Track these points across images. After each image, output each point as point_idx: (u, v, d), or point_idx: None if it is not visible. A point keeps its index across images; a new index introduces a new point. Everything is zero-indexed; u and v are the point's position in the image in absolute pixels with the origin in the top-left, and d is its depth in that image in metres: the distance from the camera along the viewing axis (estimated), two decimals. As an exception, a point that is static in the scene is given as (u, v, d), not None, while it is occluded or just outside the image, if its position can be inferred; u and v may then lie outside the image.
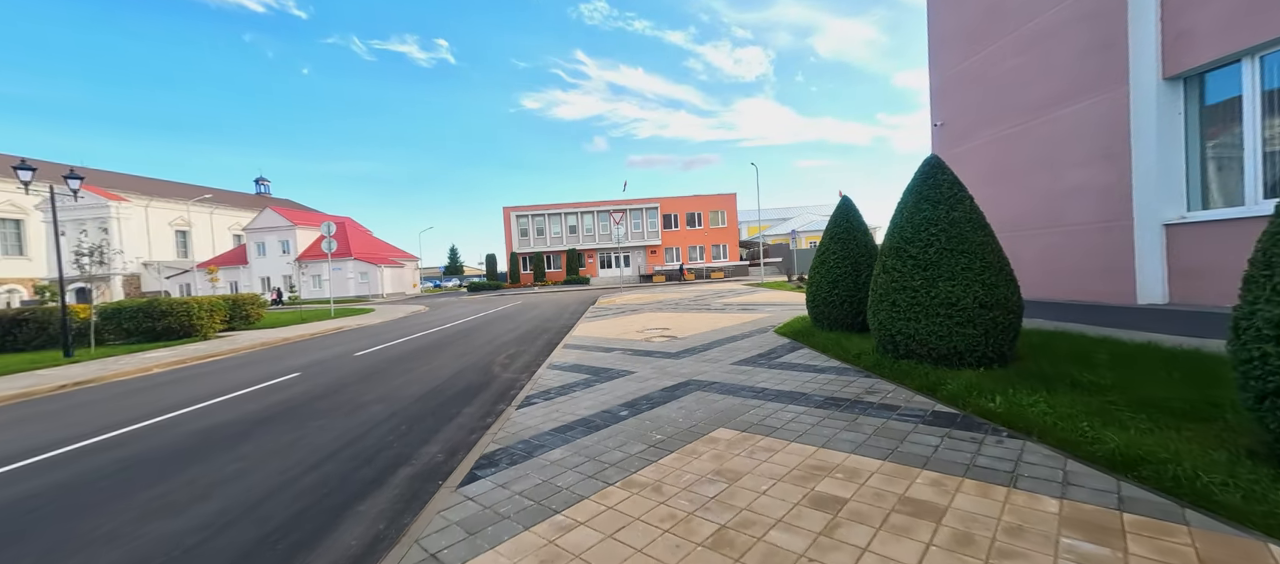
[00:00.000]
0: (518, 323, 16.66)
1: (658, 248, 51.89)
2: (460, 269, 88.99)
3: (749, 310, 14.34)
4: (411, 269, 57.98)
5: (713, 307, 16.48)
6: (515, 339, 12.54)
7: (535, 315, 19.07)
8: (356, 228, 58.77)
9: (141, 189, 63.09)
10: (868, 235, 8.53)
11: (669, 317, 14.17)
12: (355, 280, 48.59)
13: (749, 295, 20.67)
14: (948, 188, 5.76)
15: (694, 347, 8.80)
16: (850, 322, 8.26)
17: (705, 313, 14.59)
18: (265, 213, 50.24)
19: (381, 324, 19.96)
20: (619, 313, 16.50)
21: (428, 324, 18.54)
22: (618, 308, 18.52)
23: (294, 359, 11.50)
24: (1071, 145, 7.74)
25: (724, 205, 52.81)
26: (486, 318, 19.55)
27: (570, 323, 15.37)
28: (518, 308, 23.98)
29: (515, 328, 15.12)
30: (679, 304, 18.42)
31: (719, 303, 17.84)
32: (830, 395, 5.17)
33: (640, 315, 15.15)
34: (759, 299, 18.39)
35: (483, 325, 16.68)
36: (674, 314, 14.81)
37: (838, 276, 8.30)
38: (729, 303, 17.54)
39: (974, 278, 5.36)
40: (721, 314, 13.86)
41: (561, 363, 8.17)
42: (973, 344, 5.33)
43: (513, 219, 51.85)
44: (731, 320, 12.23)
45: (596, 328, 12.77)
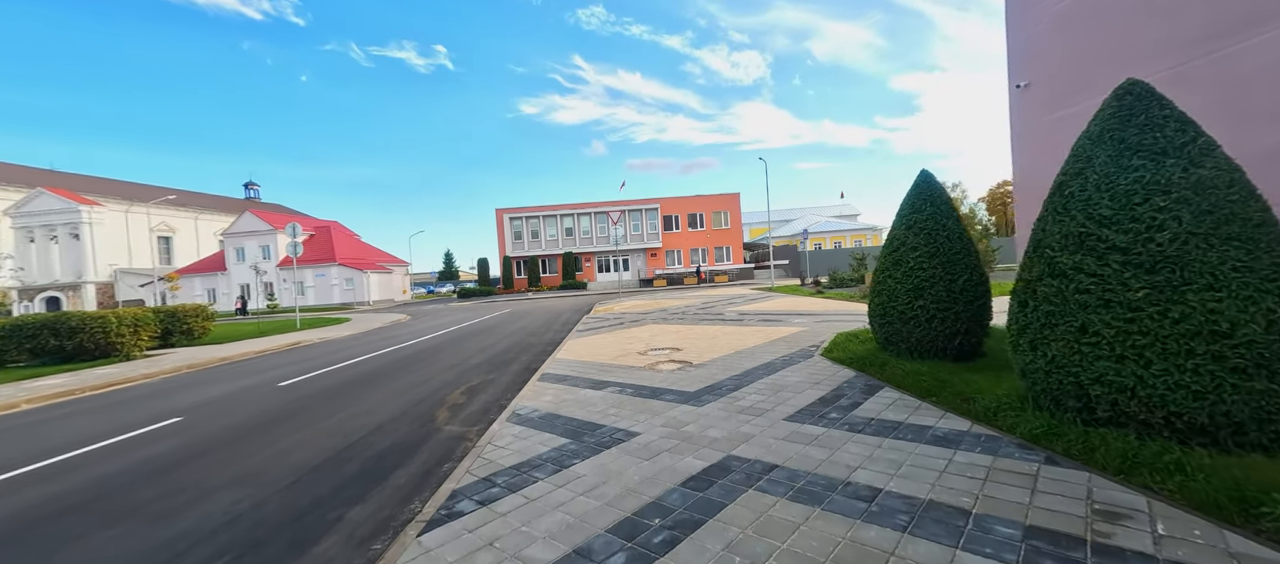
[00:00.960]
0: (497, 337, 14.20)
1: (658, 250, 49.48)
2: (455, 274, 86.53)
3: (774, 322, 11.89)
4: (401, 275, 55.51)
5: (726, 316, 14.03)
6: (486, 362, 10.08)
7: (520, 328, 16.61)
8: (342, 232, 56.32)
9: (121, 194, 60.70)
10: (961, 224, 6.09)
11: (677, 331, 11.71)
12: (340, 287, 46.11)
13: (764, 302, 18.22)
14: (1175, 129, 3.34)
15: (719, 381, 6.34)
16: (942, 346, 5.82)
17: (719, 324, 12.14)
18: (244, 216, 47.78)
19: (346, 338, 17.49)
20: (617, 324, 14.05)
21: (395, 338, 16.09)
22: (615, 317, 16.09)
23: (201, 391, 9.02)
24: (1265, 90, 5.33)
25: (727, 206, 50.48)
26: (466, 330, 17.10)
27: (558, 337, 12.91)
28: (504, 317, 21.53)
29: (492, 345, 12.66)
30: (686, 313, 15.96)
31: (732, 311, 15.39)
32: (1029, 522, 2.69)
33: (642, 328, 12.69)
34: (778, 307, 15.94)
35: (456, 341, 14.23)
36: (682, 326, 12.35)
37: (922, 282, 5.85)
38: (745, 312, 15.09)
39: (1259, 286, 2.92)
40: (741, 327, 11.41)
41: (531, 410, 5.71)
42: (1264, 409, 2.89)
43: (506, 221, 49.46)
44: (757, 336, 9.77)
45: (588, 346, 10.32)
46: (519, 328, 16.42)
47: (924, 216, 6.05)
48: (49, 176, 55.66)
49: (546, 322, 17.94)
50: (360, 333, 18.95)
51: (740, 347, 8.72)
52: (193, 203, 68.81)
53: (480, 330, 16.60)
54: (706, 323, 12.80)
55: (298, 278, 46.89)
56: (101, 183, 62.42)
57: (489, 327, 17.67)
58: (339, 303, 45.64)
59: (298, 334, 19.13)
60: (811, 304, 15.99)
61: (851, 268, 26.06)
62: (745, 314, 14.29)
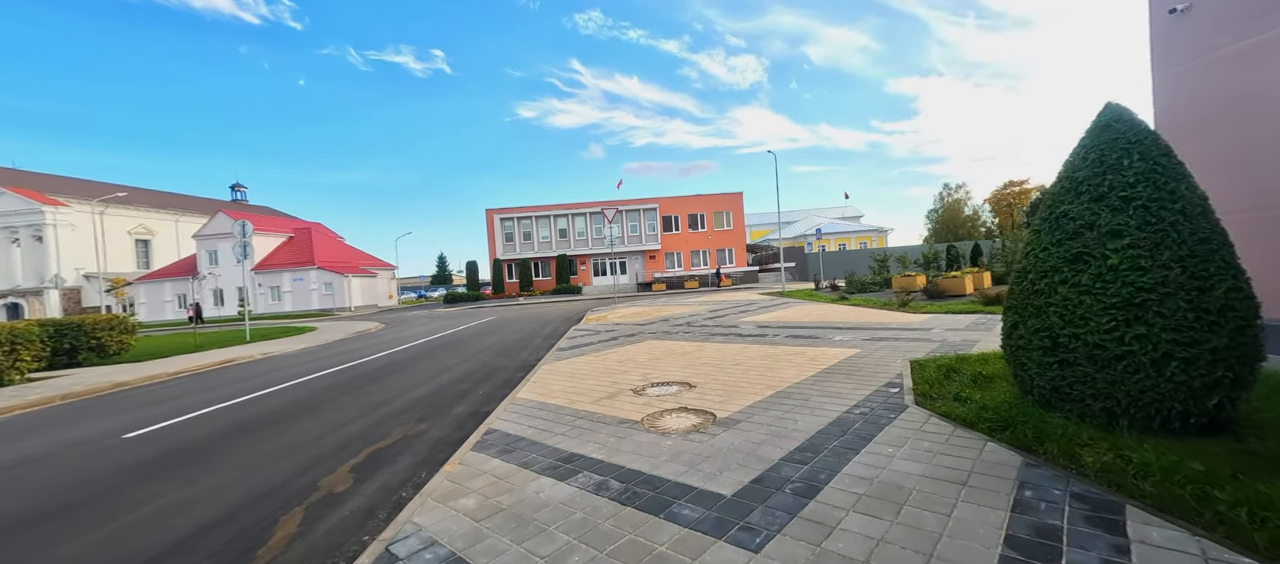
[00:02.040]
0: (462, 356, 11.57)
1: (657, 253, 46.89)
2: (449, 278, 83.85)
3: (809, 340, 9.27)
4: (386, 279, 52.81)
5: (742, 329, 11.42)
6: (425, 397, 7.45)
7: (494, 342, 13.99)
8: (324, 234, 53.63)
9: (96, 194, 57.93)
10: (1199, 190, 3.51)
11: (684, 352, 9.09)
12: (319, 292, 43.40)
13: (782, 310, 15.61)
14: None
15: (769, 461, 3.73)
16: (1179, 408, 3.22)
17: (738, 342, 9.53)
18: (217, 217, 45.06)
19: (291, 353, 14.83)
20: (609, 340, 11.43)
21: (348, 354, 13.44)
22: (608, 329, 13.47)
23: (11, 447, 6.37)
24: None
25: (729, 206, 47.97)
26: (432, 344, 14.46)
27: (534, 357, 10.29)
28: (483, 327, 18.89)
29: (450, 367, 10.03)
30: (692, 324, 13.34)
31: (748, 322, 12.78)
32: None
33: (639, 346, 10.07)
34: (801, 316, 13.33)
35: (411, 360, 11.60)
36: (690, 345, 9.73)
37: (1140, 293, 3.26)
38: (763, 323, 12.48)
39: None
40: (767, 347, 8.80)
41: (426, 542, 3.09)
42: None
43: (496, 222, 46.84)
44: (795, 363, 7.15)
45: (568, 375, 7.69)
46: (493, 343, 13.79)
47: (1129, 178, 3.46)
48: (13, 175, 52.79)
49: (527, 334, 15.31)
50: (312, 347, 16.29)
51: (778, 381, 6.11)
52: (173, 205, 66.09)
53: (447, 345, 13.96)
54: (720, 339, 10.19)
55: (273, 283, 44.22)
56: (74, 183, 59.58)
57: (459, 340, 15.03)
58: (318, 309, 42.92)
59: (241, 348, 16.47)
60: (841, 313, 13.39)
61: (872, 270, 23.54)
62: (765, 326, 11.69)
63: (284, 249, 46.29)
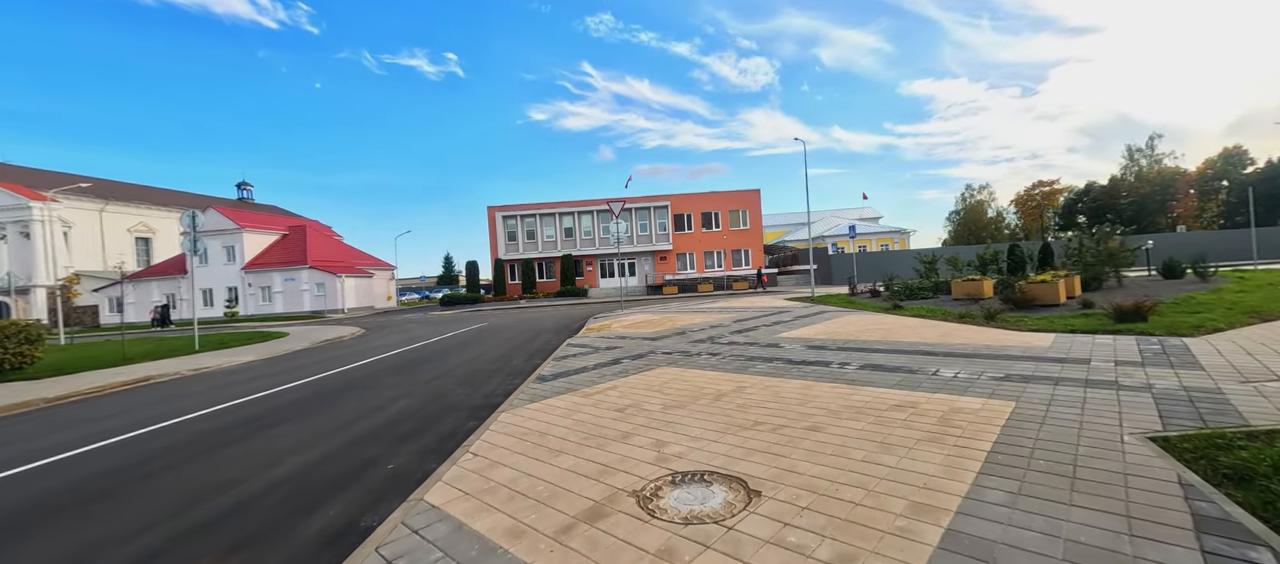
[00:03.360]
0: (411, 384, 8.72)
1: (668, 253, 43.96)
2: (455, 278, 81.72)
3: (903, 375, 6.23)
4: (384, 279, 50.46)
5: (789, 352, 8.42)
6: (283, 485, 4.60)
7: (464, 362, 11.16)
8: (320, 233, 51.47)
9: (97, 191, 56.45)
10: None
11: (716, 392, 6.11)
12: (311, 292, 41.07)
13: (825, 321, 12.56)
14: None
15: None
16: None
17: (796, 379, 6.54)
18: (208, 213, 42.93)
19: (235, 368, 12.14)
20: (608, 362, 8.51)
21: (286, 373, 10.68)
22: (610, 344, 10.54)
23: None
24: None
25: (746, 204, 44.89)
26: (389, 362, 11.67)
27: (500, 393, 7.39)
28: (466, 337, 16.09)
29: (379, 408, 7.16)
30: (717, 340, 10.36)
31: (790, 339, 9.77)
32: None
33: (648, 378, 7.12)
34: (859, 331, 10.29)
35: (340, 391, 8.77)
36: (723, 379, 6.76)
37: None
38: (814, 341, 9.46)
39: None
40: (846, 388, 5.78)
41: None
42: None
43: (499, 221, 44.27)
44: (923, 433, 4.13)
45: (530, 443, 4.76)
46: (462, 362, 10.94)
47: None
48: (12, 171, 51.42)
49: (510, 349, 12.45)
50: (255, 362, 13.59)
51: (916, 480, 3.15)
52: (176, 202, 64.58)
53: (406, 364, 11.15)
54: (762, 367, 7.21)
55: (264, 283, 42.01)
56: (68, 178, 58.09)
57: (426, 357, 12.21)
58: (310, 310, 40.59)
59: (178, 362, 13.82)
60: (910, 328, 10.33)
61: (919, 273, 20.34)
62: (818, 345, 8.67)
63: (276, 248, 44.12)
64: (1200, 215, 60.66)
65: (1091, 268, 16.03)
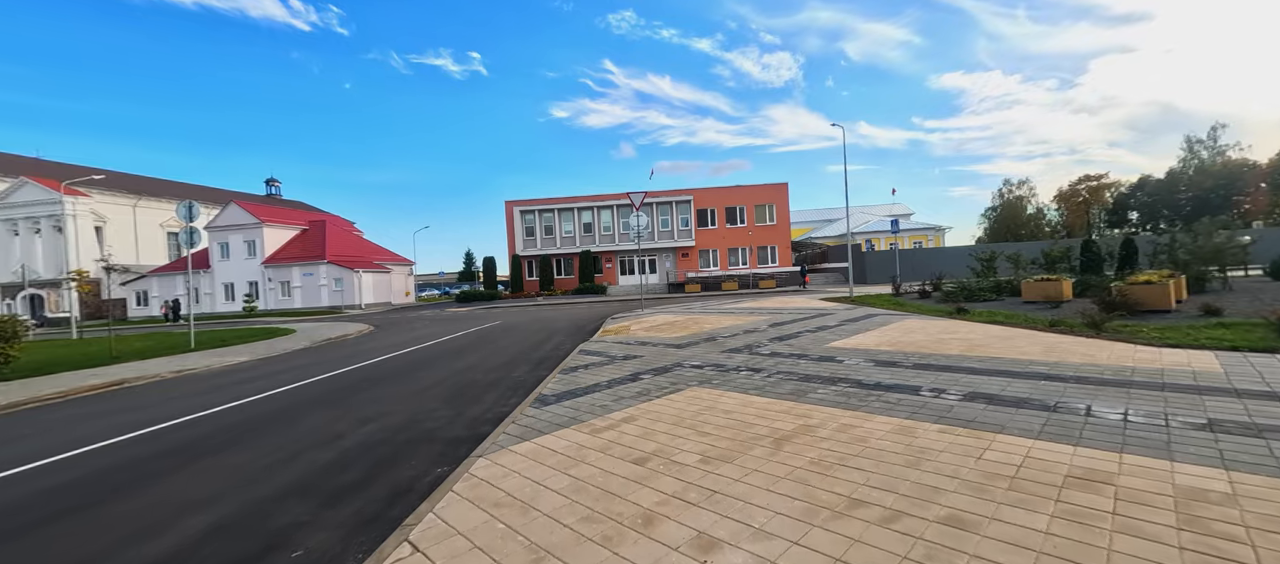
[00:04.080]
0: (393, 400, 7.30)
1: (691, 250, 42.18)
2: (475, 275, 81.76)
3: (1035, 413, 4.45)
4: (403, 275, 50.06)
5: (852, 369, 6.70)
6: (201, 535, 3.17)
7: (461, 370, 9.75)
8: (339, 228, 51.36)
9: (130, 187, 57.73)
10: None
11: (775, 434, 4.47)
12: (329, 288, 40.72)
13: (882, 327, 10.72)
14: None
15: None
16: None
17: (881, 415, 4.83)
18: (229, 208, 43.08)
19: (224, 370, 11.04)
20: (627, 377, 6.95)
21: (268, 379, 9.45)
22: (629, 352, 8.96)
23: None
24: None
25: (773, 198, 42.73)
26: (381, 368, 10.36)
27: (490, 419, 5.89)
28: (473, 338, 14.77)
29: (340, 435, 5.74)
30: (755, 350, 8.68)
31: (846, 350, 8.02)
32: None
33: (676, 406, 5.53)
34: (930, 342, 8.46)
35: (324, 400, 7.41)
36: (778, 410, 5.11)
37: None
38: (877, 353, 7.69)
39: None
40: (964, 436, 4.05)
41: None
42: None
43: (516, 216, 43.19)
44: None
45: (509, 529, 3.23)
46: (459, 370, 9.52)
47: None
48: (36, 165, 52.75)
49: (517, 354, 11.01)
50: (258, 360, 12.50)
51: None
52: (207, 197, 65.72)
53: (398, 372, 9.80)
54: (826, 391, 5.54)
55: (283, 278, 41.86)
56: (113, 176, 59.54)
57: (425, 360, 10.87)
58: (327, 305, 40.24)
59: (174, 360, 12.86)
60: (1003, 340, 8.45)
61: (976, 271, 18.18)
62: (887, 361, 6.91)
63: (296, 242, 43.98)
64: (1272, 211, 55.62)
65: (1190, 267, 13.73)
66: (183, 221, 15.66)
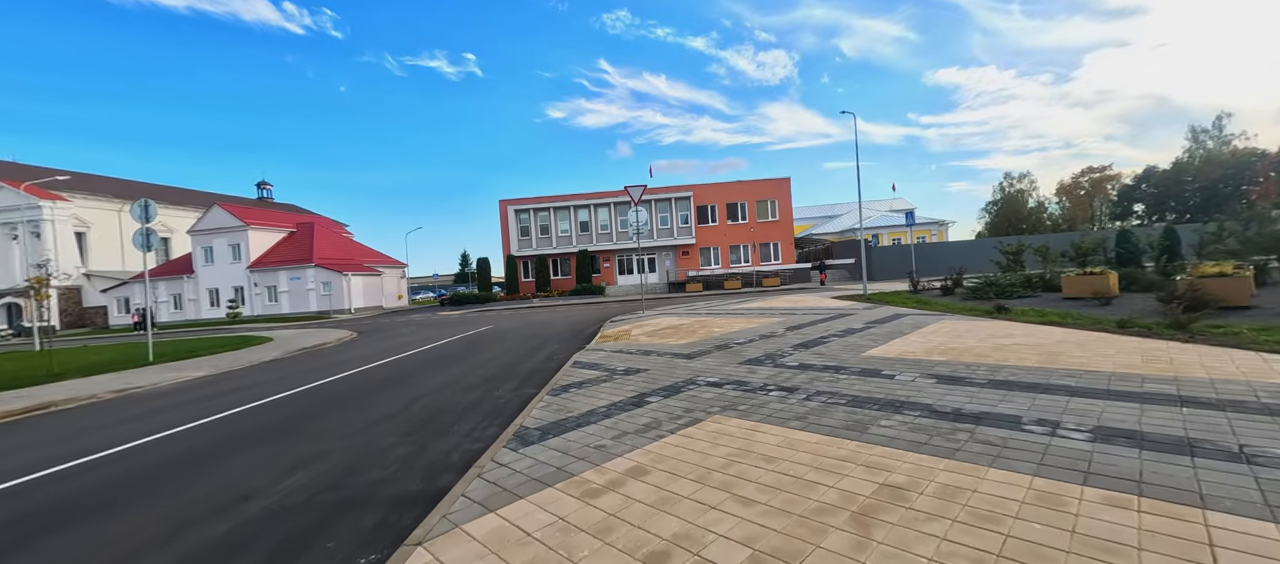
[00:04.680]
0: (332, 439, 5.95)
1: (691, 248, 40.86)
2: (470, 277, 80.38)
3: (1252, 470, 3.22)
4: (395, 277, 48.62)
5: (908, 389, 5.38)
6: None
7: (434, 389, 8.43)
8: (328, 230, 49.85)
9: (116, 192, 56.06)
10: None
11: (854, 506, 3.18)
12: (317, 292, 39.26)
13: (918, 331, 9.41)
14: None
15: None
16: None
17: (1000, 469, 3.53)
18: (213, 211, 41.56)
19: (168, 390, 9.65)
20: (630, 399, 5.63)
21: (216, 400, 8.08)
22: (630, 362, 7.60)
23: None
24: None
25: (775, 193, 41.42)
26: (357, 381, 9.01)
27: (453, 463, 4.58)
28: (459, 347, 13.43)
29: (256, 492, 4.40)
30: (780, 361, 7.38)
31: (887, 360, 6.69)
32: None
33: (701, 453, 4.22)
34: (985, 347, 7.15)
35: (257, 435, 6.07)
36: (838, 455, 3.80)
37: None
38: (933, 367, 6.36)
39: None
40: (1234, 527, 2.80)
41: None
42: None
43: (511, 215, 41.81)
44: None
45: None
46: (429, 391, 8.17)
47: None
48: (13, 169, 51.06)
49: (505, 366, 9.68)
50: (217, 375, 11.13)
51: None
52: (195, 201, 64.06)
53: (360, 390, 8.45)
54: (898, 429, 4.22)
55: (270, 282, 40.38)
56: (97, 180, 57.76)
57: (396, 376, 9.52)
58: (315, 310, 38.79)
59: (121, 377, 11.47)
60: (1081, 346, 7.14)
61: (1003, 266, 16.89)
62: (955, 377, 5.59)
63: (283, 245, 42.49)
64: (1282, 201, 54.51)
65: (1241, 256, 12.47)
66: (138, 221, 14.26)
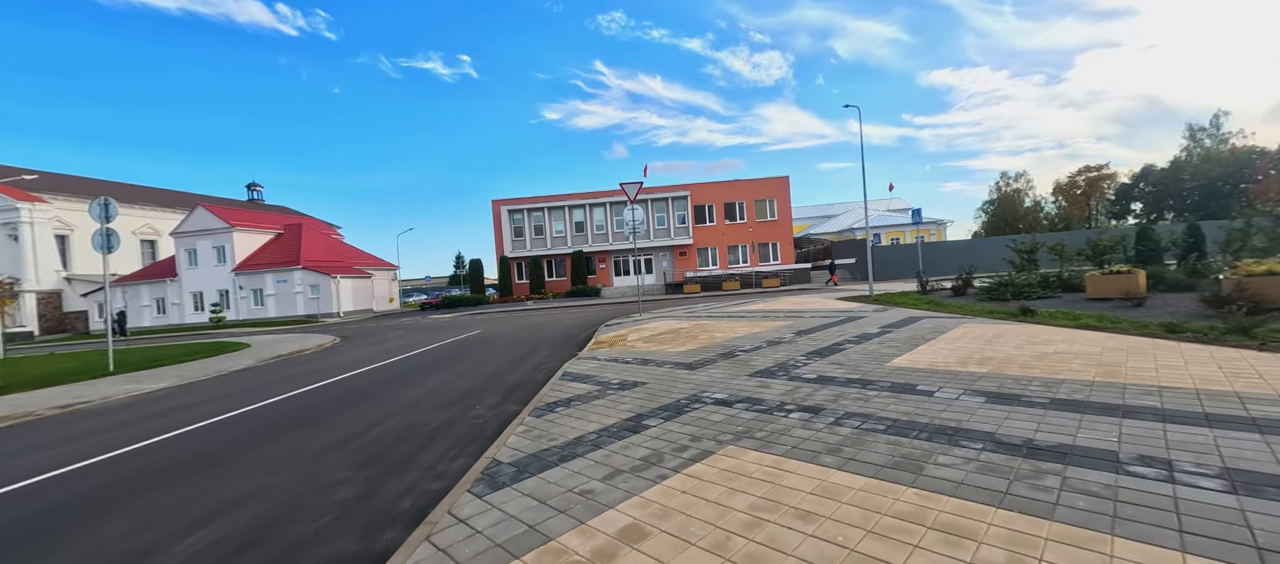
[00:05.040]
0: (249, 487, 5.08)
1: (688, 248, 40.05)
2: (463, 278, 79.33)
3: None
4: (386, 279, 47.55)
5: (978, 423, 4.53)
6: None
7: (404, 410, 7.54)
8: (316, 231, 48.70)
9: (100, 193, 54.48)
10: None
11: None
12: (304, 295, 38.17)
13: (950, 335, 8.56)
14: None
15: None
16: None
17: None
18: (196, 212, 40.41)
19: (115, 406, 8.67)
20: (624, 422, 4.77)
21: (158, 419, 7.15)
22: (625, 373, 6.73)
23: None
24: None
25: (773, 192, 40.68)
26: (316, 398, 8.11)
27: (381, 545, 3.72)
28: (440, 355, 12.53)
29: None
30: (796, 373, 6.53)
31: (933, 378, 5.85)
32: None
33: (720, 506, 3.34)
34: (1042, 359, 6.32)
35: (183, 465, 5.16)
36: (935, 512, 2.94)
37: None
38: (1000, 389, 5.51)
39: None
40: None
41: None
42: None
43: (504, 216, 40.89)
44: None
45: None
46: (395, 412, 7.28)
47: None
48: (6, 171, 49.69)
49: (483, 379, 8.80)
50: (176, 388, 10.18)
51: None
52: (182, 203, 62.72)
53: (312, 411, 7.55)
54: (967, 473, 3.38)
55: (256, 285, 39.26)
56: (80, 182, 56.28)
57: (363, 391, 8.62)
58: (303, 314, 37.70)
59: (74, 389, 10.48)
60: (1138, 354, 6.32)
61: (1017, 266, 16.13)
62: (1010, 394, 4.76)
63: (270, 248, 41.39)
64: (1283, 199, 54.16)
65: (1270, 254, 11.75)
66: (97, 221, 13.29)
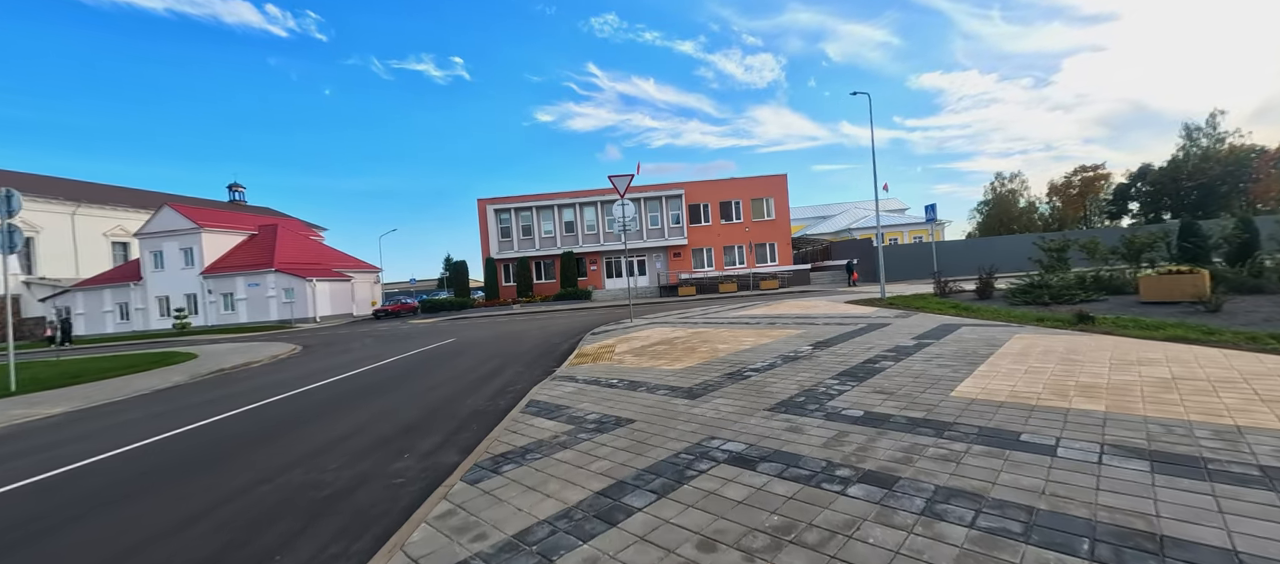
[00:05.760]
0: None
1: (683, 249, 38.45)
2: (448, 281, 77.42)
3: None
4: (367, 282, 45.52)
5: (1186, 532, 2.97)
6: None
7: (322, 451, 5.81)
8: (292, 232, 46.52)
9: (68, 193, 52.02)
10: None
11: None
12: (278, 299, 36.10)
13: (1011, 350, 7.01)
14: None
15: None
16: None
17: None
18: (162, 212, 38.20)
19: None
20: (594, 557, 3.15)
21: (26, 455, 5.43)
22: (605, 410, 5.12)
23: None
24: None
25: (771, 191, 39.21)
26: (243, 424, 6.36)
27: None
28: (402, 368, 10.79)
29: None
30: (831, 404, 4.94)
31: (1027, 417, 4.29)
32: None
33: None
34: (1166, 389, 4.80)
35: None
36: None
37: None
38: (1166, 448, 3.96)
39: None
40: None
41: None
42: None
43: (491, 215, 39.08)
44: None
45: None
46: (297, 460, 5.54)
47: None
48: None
49: (437, 403, 7.11)
50: (84, 411, 8.34)
51: None
52: (156, 203, 60.17)
53: (206, 455, 5.81)
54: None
55: (226, 289, 37.12)
56: (46, 181, 53.52)
57: (290, 419, 6.88)
58: (276, 319, 35.63)
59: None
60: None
61: (1046, 265, 14.66)
62: (1166, 454, 3.21)
63: (242, 249, 39.26)
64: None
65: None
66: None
